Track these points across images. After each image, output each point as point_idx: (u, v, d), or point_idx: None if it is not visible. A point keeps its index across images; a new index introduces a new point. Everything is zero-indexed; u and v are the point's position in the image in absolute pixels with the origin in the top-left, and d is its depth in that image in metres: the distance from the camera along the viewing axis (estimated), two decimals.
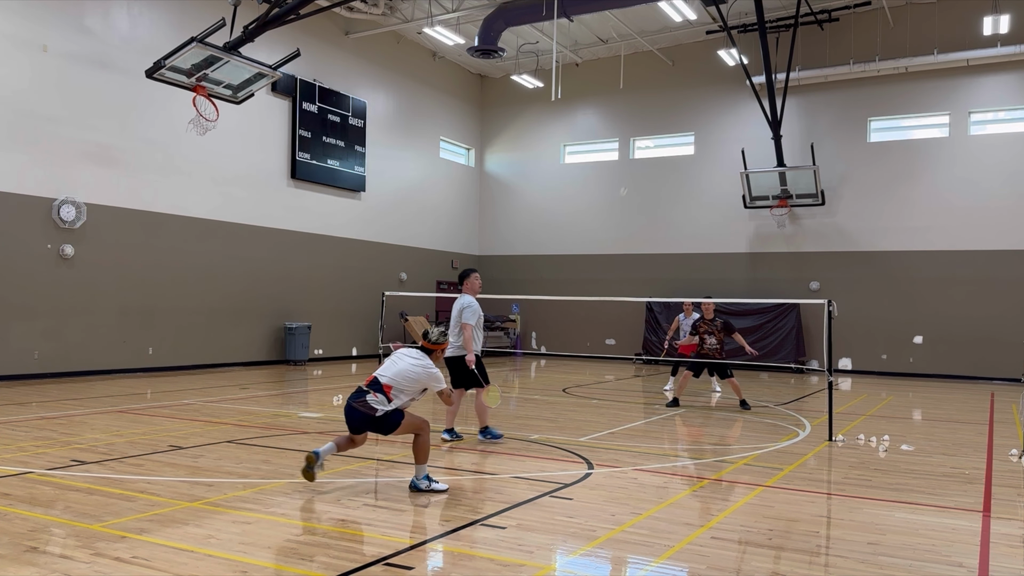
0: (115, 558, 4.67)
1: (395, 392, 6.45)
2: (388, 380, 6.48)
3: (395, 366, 6.60)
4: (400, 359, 6.68)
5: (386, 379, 6.48)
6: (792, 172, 21.00)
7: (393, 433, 6.53)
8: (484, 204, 27.25)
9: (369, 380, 6.55)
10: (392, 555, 4.82)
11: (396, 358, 6.71)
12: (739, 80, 22.20)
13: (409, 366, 6.58)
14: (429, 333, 6.88)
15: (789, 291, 21.52)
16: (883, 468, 8.00)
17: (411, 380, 6.52)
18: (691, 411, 12.44)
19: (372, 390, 6.44)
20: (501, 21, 19.85)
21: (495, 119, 27.15)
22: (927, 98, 20.88)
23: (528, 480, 7.02)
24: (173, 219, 17.29)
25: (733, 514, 6.00)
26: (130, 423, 9.97)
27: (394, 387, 6.46)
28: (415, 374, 6.54)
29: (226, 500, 6.12)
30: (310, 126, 20.40)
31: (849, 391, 16.68)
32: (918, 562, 4.93)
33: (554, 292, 23.20)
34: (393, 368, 6.57)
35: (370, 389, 6.45)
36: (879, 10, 20.70)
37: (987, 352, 19.67)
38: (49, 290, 15.08)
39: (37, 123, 14.88)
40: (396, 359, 6.70)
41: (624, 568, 4.87)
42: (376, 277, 22.42)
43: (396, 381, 6.47)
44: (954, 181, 20.40)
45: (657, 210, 24.16)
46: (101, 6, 15.89)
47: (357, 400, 6.46)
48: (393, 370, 6.55)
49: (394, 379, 6.48)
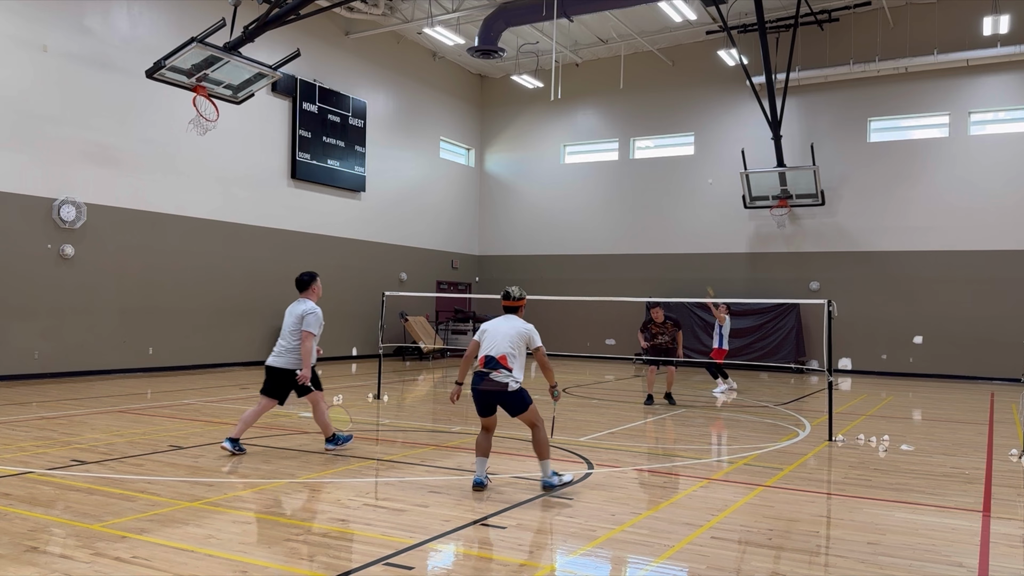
0: (115, 558, 4.68)
1: (511, 359, 6.56)
2: (500, 351, 6.56)
3: (496, 337, 6.66)
4: (495, 330, 6.72)
5: (498, 351, 6.57)
6: (792, 172, 21.00)
7: (519, 416, 6.59)
8: (484, 204, 27.25)
9: (483, 361, 6.61)
10: (392, 555, 4.82)
11: (491, 332, 6.74)
12: (739, 80, 22.20)
13: (509, 328, 6.69)
14: (511, 292, 7.00)
15: (789, 291, 21.52)
16: (883, 468, 8.00)
17: (516, 340, 6.63)
18: (691, 411, 12.44)
19: (492, 368, 6.54)
20: (501, 21, 19.85)
21: (495, 119, 27.15)
22: (927, 98, 20.88)
23: (528, 480, 7.02)
24: (173, 219, 17.29)
25: (733, 514, 6.00)
26: (130, 423, 9.97)
27: (507, 355, 6.56)
28: (517, 332, 6.66)
29: (226, 500, 6.12)
30: (310, 126, 20.40)
31: (849, 391, 16.68)
32: (918, 562, 4.93)
33: (554, 292, 23.18)
34: (496, 340, 6.63)
35: (489, 368, 6.55)
36: (879, 10, 20.70)
37: (987, 352, 19.67)
38: (49, 290, 15.08)
39: (37, 123, 14.88)
40: (491, 333, 6.73)
41: (624, 568, 4.87)
42: (376, 277, 22.42)
43: (507, 349, 6.57)
44: (954, 181, 20.40)
45: (657, 210, 24.16)
46: (101, 6, 15.89)
47: (482, 383, 6.56)
48: (498, 341, 6.62)
49: (504, 348, 6.57)
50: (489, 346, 6.65)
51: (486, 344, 6.69)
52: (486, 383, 6.55)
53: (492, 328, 6.77)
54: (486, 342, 6.70)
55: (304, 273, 8.38)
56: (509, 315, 6.90)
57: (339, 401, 12.62)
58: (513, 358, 6.57)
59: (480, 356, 6.69)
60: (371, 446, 8.79)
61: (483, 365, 6.62)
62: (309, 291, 8.22)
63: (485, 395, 6.59)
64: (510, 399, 6.54)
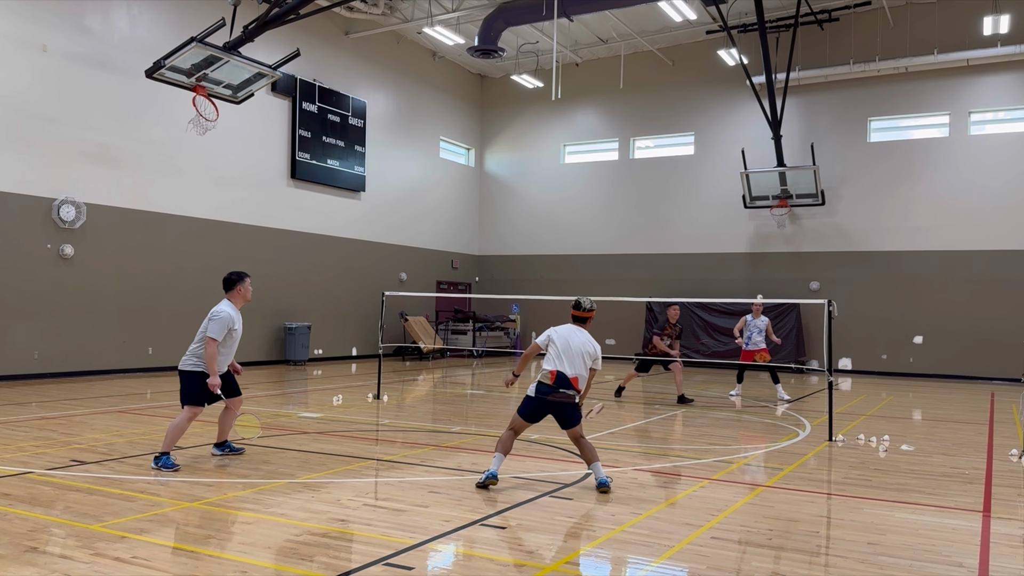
0: (115, 558, 4.67)
1: (580, 381, 6.60)
2: (574, 372, 6.57)
3: (571, 352, 6.60)
4: (569, 343, 6.64)
5: (572, 371, 6.57)
6: (792, 172, 21.00)
7: (571, 428, 6.65)
8: (484, 204, 27.25)
9: (554, 376, 6.56)
10: (392, 555, 4.82)
11: (563, 343, 6.64)
12: (739, 80, 22.20)
13: (585, 344, 6.66)
14: (583, 303, 6.91)
15: (789, 291, 21.51)
16: (883, 468, 8.00)
17: (589, 361, 6.65)
18: (691, 411, 12.44)
19: (562, 386, 6.56)
20: (501, 21, 19.85)
21: (495, 119, 27.15)
22: (927, 98, 20.88)
23: (528, 480, 7.02)
24: (173, 219, 17.29)
25: (733, 514, 6.00)
26: (130, 423, 9.97)
27: (579, 377, 6.60)
28: (590, 353, 6.67)
29: (226, 500, 6.12)
30: (310, 126, 20.40)
31: (849, 391, 16.68)
32: (918, 562, 4.93)
33: (554, 292, 23.18)
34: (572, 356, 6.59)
35: (560, 386, 6.56)
36: (879, 10, 20.69)
37: (987, 352, 19.67)
38: (49, 290, 15.08)
39: (37, 123, 14.88)
40: (564, 345, 6.63)
41: (624, 568, 4.87)
42: (376, 277, 22.42)
43: (581, 371, 6.60)
44: (954, 181, 20.40)
45: (657, 210, 24.16)
46: (101, 6, 15.89)
47: (552, 394, 6.56)
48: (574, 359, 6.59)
49: (579, 369, 6.59)
50: (562, 361, 6.59)
51: (559, 357, 6.61)
52: (556, 395, 6.57)
53: (565, 339, 6.68)
54: (557, 353, 6.63)
55: (232, 272, 7.75)
56: (579, 327, 6.84)
57: (338, 402, 12.63)
58: (583, 380, 6.63)
59: (552, 369, 6.59)
60: (371, 446, 8.79)
61: (553, 380, 6.58)
62: (233, 292, 7.60)
63: (550, 405, 6.60)
64: (571, 411, 6.63)
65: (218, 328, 7.27)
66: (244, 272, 7.79)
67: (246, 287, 7.66)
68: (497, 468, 6.66)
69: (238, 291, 7.61)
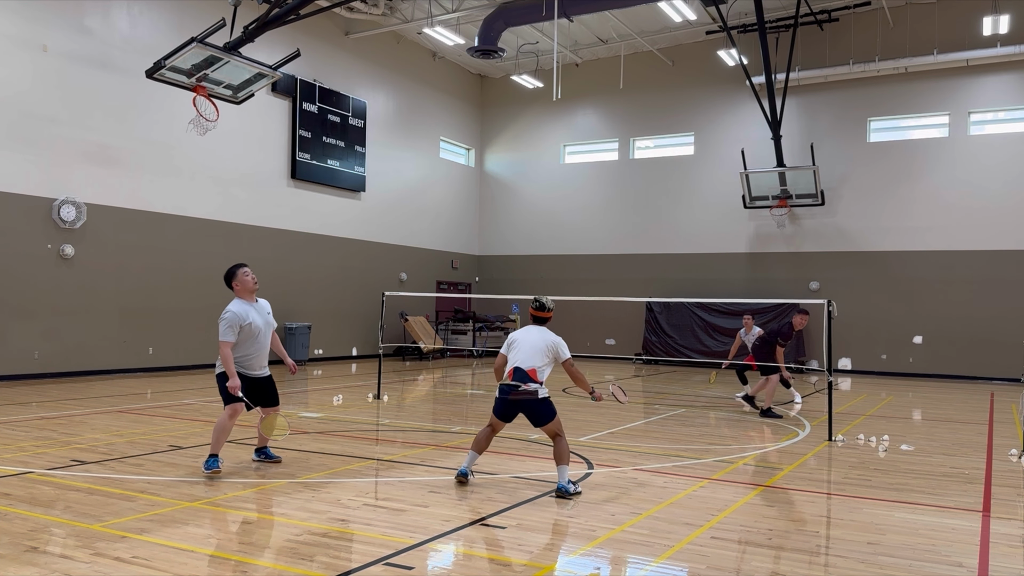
0: (115, 558, 4.67)
1: (540, 373, 6.58)
2: (530, 364, 6.57)
3: (523, 348, 6.66)
4: (524, 342, 6.71)
5: (528, 364, 6.57)
6: (792, 172, 21.00)
7: (544, 426, 6.59)
8: (484, 204, 27.25)
9: (511, 374, 6.60)
10: (392, 555, 4.82)
11: (520, 343, 6.72)
12: (739, 80, 22.20)
13: (539, 340, 6.69)
14: (544, 303, 6.96)
15: (789, 291, 21.51)
16: (883, 468, 8.00)
17: (547, 353, 6.64)
18: (691, 411, 12.44)
19: (520, 381, 6.55)
20: (501, 21, 19.85)
21: (495, 119, 27.15)
22: (927, 98, 20.88)
23: (528, 480, 7.02)
24: (173, 219, 17.29)
25: (733, 514, 6.00)
26: (130, 423, 9.97)
27: (537, 369, 6.57)
28: (547, 345, 6.67)
29: (226, 500, 6.12)
30: (310, 126, 20.40)
31: (849, 391, 16.68)
32: (918, 562, 4.93)
33: (554, 292, 23.16)
34: (525, 351, 6.64)
35: (518, 381, 6.56)
36: (879, 10, 20.70)
37: (987, 352, 19.67)
38: (49, 290, 15.08)
39: (37, 123, 14.88)
40: (520, 344, 6.71)
41: (624, 568, 4.87)
42: (376, 277, 22.42)
43: (537, 362, 6.58)
44: (954, 181, 20.40)
45: (657, 210, 24.16)
46: (101, 6, 15.89)
47: (511, 393, 6.56)
48: (526, 353, 6.62)
49: (534, 360, 6.58)
50: (519, 358, 6.63)
51: (515, 355, 6.67)
52: (516, 393, 6.56)
53: (521, 339, 6.75)
54: (514, 353, 6.69)
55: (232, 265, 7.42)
56: (539, 326, 6.88)
57: (338, 402, 12.63)
58: (542, 371, 6.60)
59: (509, 368, 6.67)
60: (371, 446, 8.79)
61: (512, 377, 6.60)
62: (234, 286, 7.29)
63: (513, 404, 6.59)
64: (538, 408, 6.55)
65: (224, 329, 7.02)
66: (238, 263, 7.48)
67: (242, 277, 7.28)
68: (468, 465, 6.74)
69: (237, 284, 7.29)
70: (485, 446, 6.82)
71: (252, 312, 7.19)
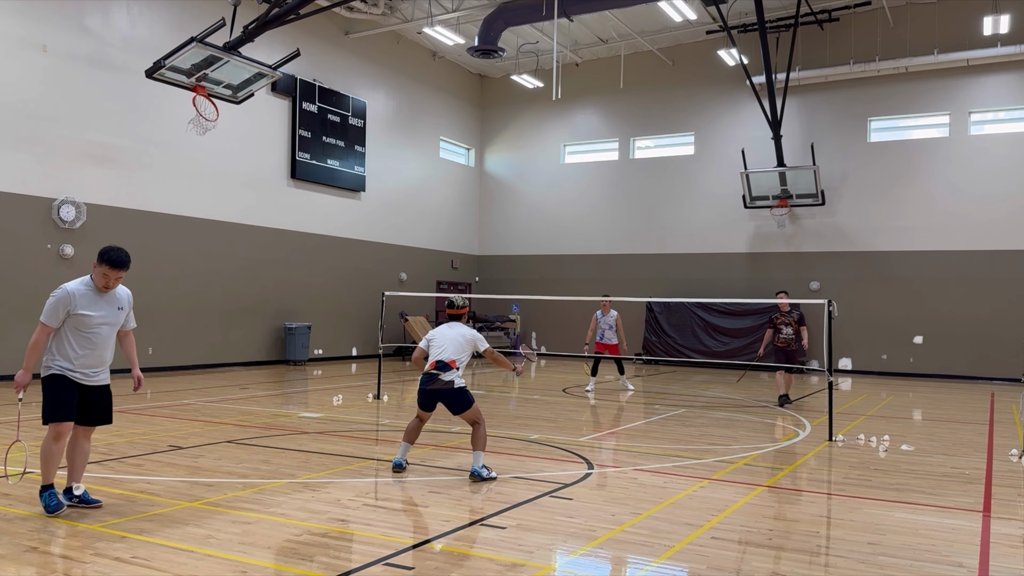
0: (115, 558, 4.67)
1: (459, 363, 7.09)
2: (450, 355, 7.08)
3: (444, 342, 7.17)
4: (443, 335, 7.23)
5: (448, 355, 7.08)
6: (792, 172, 20.99)
7: (462, 414, 7.08)
8: (484, 204, 27.24)
9: (433, 365, 7.10)
10: (392, 555, 4.82)
11: (439, 338, 7.23)
12: (739, 80, 22.19)
13: (456, 335, 7.22)
14: (455, 301, 7.54)
15: (789, 291, 21.45)
16: (883, 468, 8.00)
17: (465, 346, 7.16)
18: (691, 411, 12.44)
19: (441, 370, 7.04)
20: (501, 21, 19.84)
21: (495, 119, 27.14)
22: (927, 98, 20.88)
23: (528, 480, 7.02)
24: (173, 219, 17.28)
25: (733, 514, 6.00)
26: (130, 423, 9.97)
27: (457, 359, 7.08)
28: (465, 339, 7.19)
29: (226, 500, 6.12)
30: (310, 126, 20.39)
31: (849, 391, 16.68)
32: (918, 562, 4.93)
33: (554, 292, 23.18)
34: (444, 344, 7.14)
35: (439, 371, 7.04)
36: (879, 10, 20.69)
37: (987, 352, 19.66)
38: (49, 290, 14.93)
39: (37, 123, 14.87)
40: (440, 338, 7.22)
41: (624, 568, 4.87)
42: (376, 277, 22.41)
43: (456, 354, 7.10)
44: (954, 181, 20.39)
45: (657, 210, 24.15)
46: (101, 6, 15.89)
47: (430, 384, 7.07)
48: (446, 345, 7.13)
49: (453, 351, 7.09)
50: (440, 351, 7.13)
51: (436, 349, 7.18)
52: (435, 383, 7.04)
53: (440, 335, 7.28)
54: (436, 348, 7.19)
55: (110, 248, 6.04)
56: (454, 322, 7.42)
57: (338, 402, 12.62)
58: (461, 362, 7.12)
59: (431, 360, 7.17)
60: (371, 446, 8.79)
61: (433, 368, 7.09)
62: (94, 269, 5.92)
63: (432, 394, 7.08)
64: (454, 397, 7.03)
65: (47, 309, 5.77)
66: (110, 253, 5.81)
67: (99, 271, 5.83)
68: (402, 456, 7.25)
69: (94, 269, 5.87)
70: (415, 436, 7.32)
71: (92, 298, 5.83)
